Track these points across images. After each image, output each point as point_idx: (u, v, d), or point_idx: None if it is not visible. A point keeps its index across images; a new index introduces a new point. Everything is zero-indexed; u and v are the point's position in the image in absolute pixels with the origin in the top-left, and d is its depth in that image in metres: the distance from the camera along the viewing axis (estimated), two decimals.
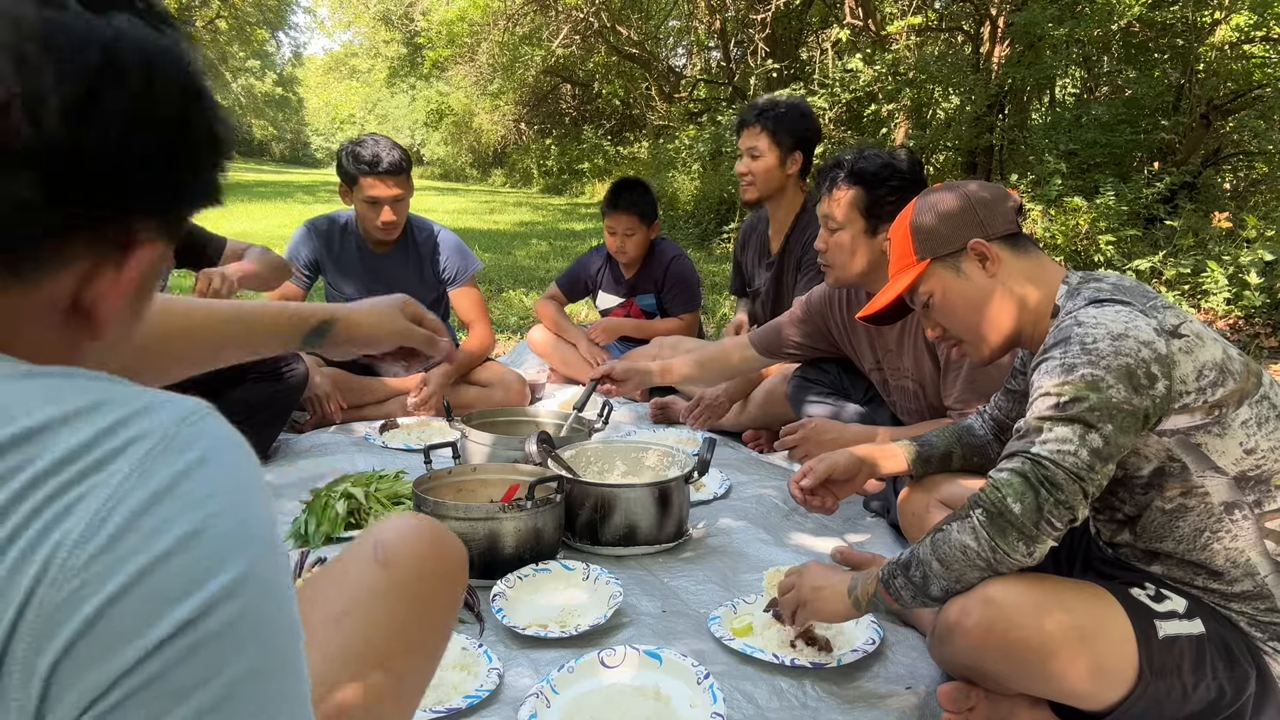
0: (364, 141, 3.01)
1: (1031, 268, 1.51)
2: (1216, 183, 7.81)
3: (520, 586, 1.85)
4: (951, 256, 1.53)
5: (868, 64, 9.25)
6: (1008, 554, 1.25)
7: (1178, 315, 1.34)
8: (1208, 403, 1.29)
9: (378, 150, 2.96)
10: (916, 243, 1.57)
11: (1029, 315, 1.50)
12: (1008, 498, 1.25)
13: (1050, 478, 1.24)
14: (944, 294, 1.55)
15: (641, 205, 3.61)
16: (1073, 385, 1.26)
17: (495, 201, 16.77)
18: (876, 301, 1.71)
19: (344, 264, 3.18)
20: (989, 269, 1.51)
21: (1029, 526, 1.24)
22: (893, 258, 1.64)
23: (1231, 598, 1.33)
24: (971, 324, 1.54)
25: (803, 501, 1.85)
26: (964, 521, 1.29)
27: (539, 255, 8.52)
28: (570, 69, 19.94)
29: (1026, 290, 1.50)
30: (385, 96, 33.63)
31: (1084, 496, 1.25)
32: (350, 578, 0.91)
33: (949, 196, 1.56)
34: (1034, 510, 1.24)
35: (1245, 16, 6.85)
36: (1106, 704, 1.27)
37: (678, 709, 1.46)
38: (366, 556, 0.92)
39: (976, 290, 1.52)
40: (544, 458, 2.15)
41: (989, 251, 1.50)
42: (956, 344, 1.61)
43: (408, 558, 0.93)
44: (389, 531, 0.95)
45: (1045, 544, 1.25)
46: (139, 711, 0.47)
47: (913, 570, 1.35)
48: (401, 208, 3.05)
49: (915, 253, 1.57)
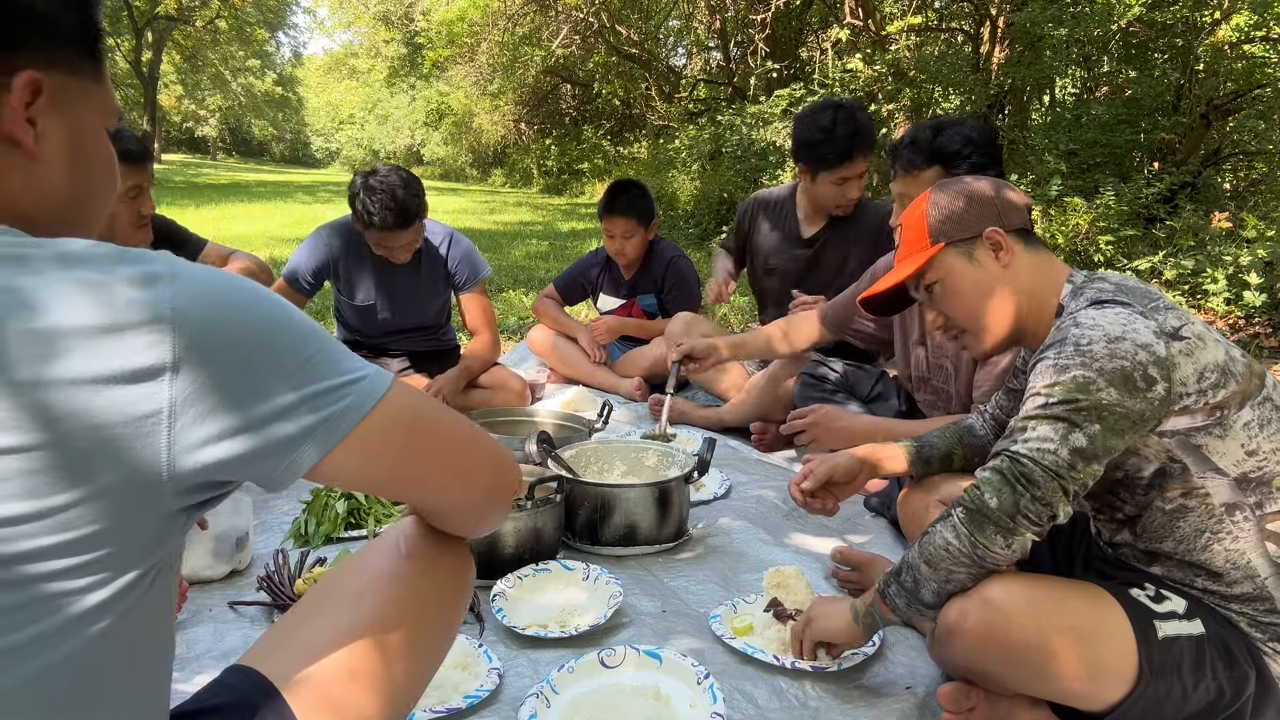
0: (374, 190, 2.82)
1: (1040, 264, 1.51)
2: (1216, 183, 7.80)
3: (520, 586, 1.85)
4: (966, 243, 1.52)
5: (867, 64, 9.26)
6: (987, 548, 1.27)
7: (1179, 317, 1.33)
8: (1209, 404, 1.29)
9: (386, 207, 2.81)
10: (932, 226, 1.55)
11: (1033, 312, 1.50)
12: (985, 494, 1.27)
13: (1027, 474, 1.25)
14: (954, 280, 1.53)
15: (639, 207, 3.60)
16: (1062, 386, 1.26)
17: (495, 201, 16.78)
18: (880, 285, 1.67)
19: (359, 268, 3.16)
20: (1002, 259, 1.50)
21: (1005, 520, 1.25)
22: (902, 243, 1.62)
23: (1231, 599, 1.33)
24: (977, 313, 1.53)
25: (803, 504, 1.85)
26: (946, 520, 1.32)
27: (539, 255, 8.51)
28: (570, 69, 19.94)
29: (1034, 286, 1.49)
30: (385, 96, 33.61)
31: (1064, 494, 1.25)
32: (371, 564, 0.96)
33: (969, 184, 1.55)
34: (1010, 505, 1.25)
35: (1245, 16, 6.84)
36: (1106, 704, 1.27)
37: (678, 709, 1.46)
38: (389, 546, 0.98)
39: (987, 279, 1.51)
40: (544, 458, 2.15)
41: (1004, 241, 1.49)
42: (958, 334, 1.59)
43: (426, 550, 0.98)
44: (413, 527, 1.00)
45: (1024, 538, 1.27)
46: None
47: (904, 576, 1.36)
48: (414, 243, 3.01)
49: (929, 235, 1.55)
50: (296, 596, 1.76)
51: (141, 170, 2.25)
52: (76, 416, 0.63)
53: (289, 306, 0.75)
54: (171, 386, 0.66)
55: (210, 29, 31.39)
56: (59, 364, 0.62)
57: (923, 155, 2.20)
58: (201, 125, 48.49)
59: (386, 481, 0.83)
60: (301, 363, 0.72)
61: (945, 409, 2.32)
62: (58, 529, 0.63)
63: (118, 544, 0.67)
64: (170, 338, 0.66)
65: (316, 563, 1.91)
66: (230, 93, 43.51)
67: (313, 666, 0.84)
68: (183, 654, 1.62)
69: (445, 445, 0.85)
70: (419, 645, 0.94)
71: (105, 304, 0.65)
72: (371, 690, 0.86)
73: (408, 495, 0.88)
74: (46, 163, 0.76)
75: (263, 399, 0.70)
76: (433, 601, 0.97)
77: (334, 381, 0.74)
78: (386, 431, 0.77)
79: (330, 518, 2.14)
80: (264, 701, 0.81)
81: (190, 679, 1.53)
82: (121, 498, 0.66)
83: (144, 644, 0.73)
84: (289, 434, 0.71)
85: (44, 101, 0.74)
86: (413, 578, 0.96)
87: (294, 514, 2.24)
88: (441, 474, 0.86)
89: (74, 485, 0.64)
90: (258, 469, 0.72)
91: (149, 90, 29.11)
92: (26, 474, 0.62)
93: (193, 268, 0.71)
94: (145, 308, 0.66)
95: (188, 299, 0.67)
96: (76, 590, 0.65)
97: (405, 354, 3.35)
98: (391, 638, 0.90)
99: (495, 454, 0.92)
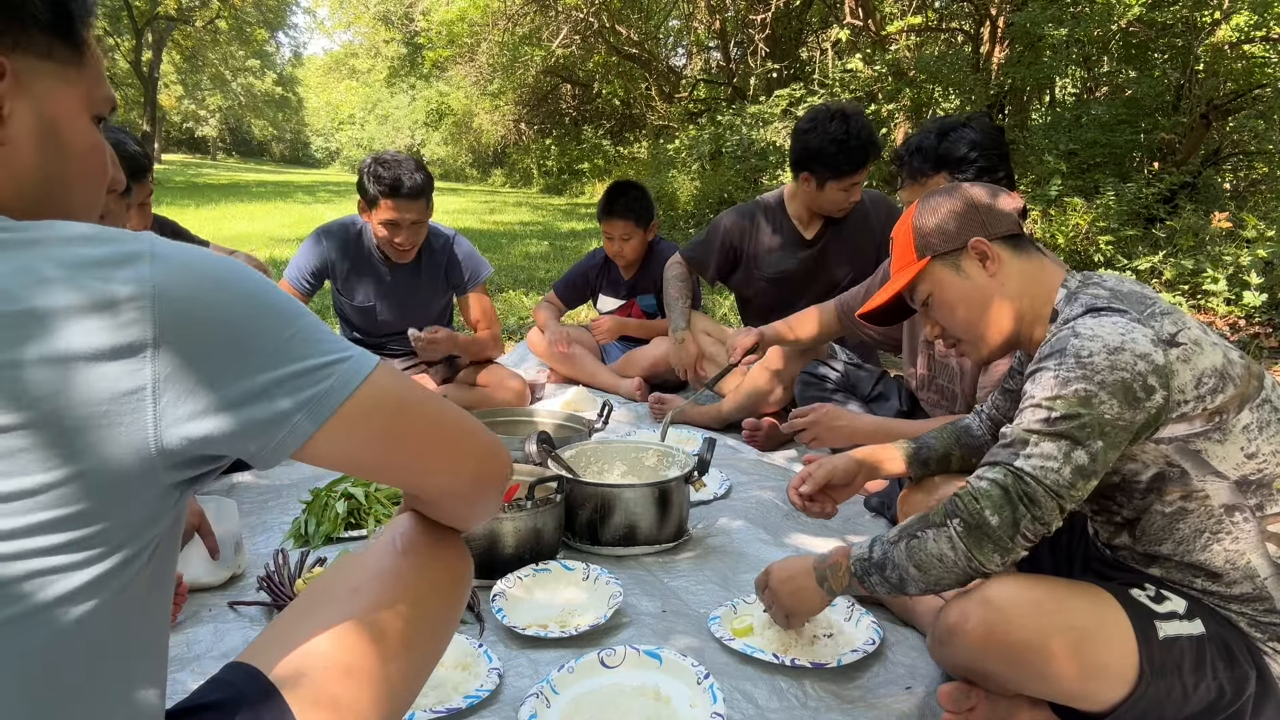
0: (387, 161, 2.92)
1: (1032, 269, 1.51)
2: (1216, 183, 7.80)
3: (520, 586, 1.85)
4: (952, 255, 1.53)
5: (867, 64, 9.26)
6: (983, 564, 1.28)
7: (1175, 322, 1.32)
8: (1207, 410, 1.28)
9: (399, 173, 2.88)
10: (918, 241, 1.56)
11: (1028, 317, 1.50)
12: (985, 510, 1.26)
13: (1030, 494, 1.25)
14: (943, 292, 1.55)
15: (637, 209, 3.61)
16: (1065, 400, 1.26)
17: (495, 201, 16.77)
18: (876, 299, 1.70)
19: (358, 269, 3.16)
20: (989, 268, 1.50)
21: (1005, 540, 1.26)
22: (894, 256, 1.64)
23: (1231, 599, 1.33)
24: (970, 323, 1.54)
25: (802, 508, 1.84)
26: (940, 530, 1.30)
27: (538, 255, 8.51)
28: (570, 69, 19.93)
29: (1026, 291, 1.49)
30: (385, 96, 33.62)
31: (1060, 512, 1.27)
32: (367, 561, 0.97)
33: (951, 197, 1.56)
34: (1010, 525, 1.25)
35: (1245, 16, 6.84)
36: (1106, 704, 1.27)
37: (678, 709, 1.46)
38: (385, 543, 0.98)
39: (976, 290, 1.51)
40: (544, 458, 2.15)
41: (990, 251, 1.50)
42: (955, 344, 1.61)
43: (424, 547, 0.98)
44: (409, 523, 1.01)
45: (1019, 554, 1.29)
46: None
47: (889, 572, 1.36)
48: (419, 229, 3.01)
49: (916, 250, 1.56)
50: (296, 597, 1.75)
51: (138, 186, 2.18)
52: (61, 394, 0.64)
53: (271, 286, 0.75)
54: (153, 363, 0.67)
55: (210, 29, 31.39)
56: (41, 344, 0.63)
57: (929, 162, 2.17)
58: (201, 125, 48.50)
59: (374, 465, 0.83)
60: (284, 342, 0.73)
61: (949, 409, 2.32)
62: (49, 505, 0.64)
63: (111, 519, 0.68)
64: (151, 315, 0.66)
65: (316, 563, 1.91)
66: (230, 93, 43.53)
67: (310, 663, 0.84)
68: (183, 654, 1.62)
69: (431, 429, 0.84)
70: (416, 641, 0.94)
71: (85, 284, 0.65)
72: (368, 686, 0.86)
73: (396, 480, 0.88)
74: (13, 145, 0.76)
75: (244, 377, 0.70)
76: (429, 597, 0.97)
77: (317, 361, 0.74)
78: (370, 413, 0.77)
79: (330, 518, 2.14)
80: (261, 698, 0.81)
81: (190, 679, 1.53)
82: (111, 474, 0.67)
83: (139, 625, 0.73)
84: (272, 413, 0.71)
85: (7, 84, 0.74)
86: (409, 574, 0.95)
87: (294, 514, 2.24)
88: (428, 458, 0.86)
89: (63, 463, 0.65)
90: (243, 446, 0.72)
91: (149, 90, 29.12)
92: (14, 452, 0.63)
93: (173, 246, 0.71)
94: (125, 285, 0.66)
95: (167, 277, 0.68)
96: (68, 566, 0.66)
97: (406, 354, 3.36)
98: (388, 633, 0.90)
99: (483, 440, 0.91)
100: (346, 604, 0.90)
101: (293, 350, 0.73)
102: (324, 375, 0.74)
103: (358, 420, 0.76)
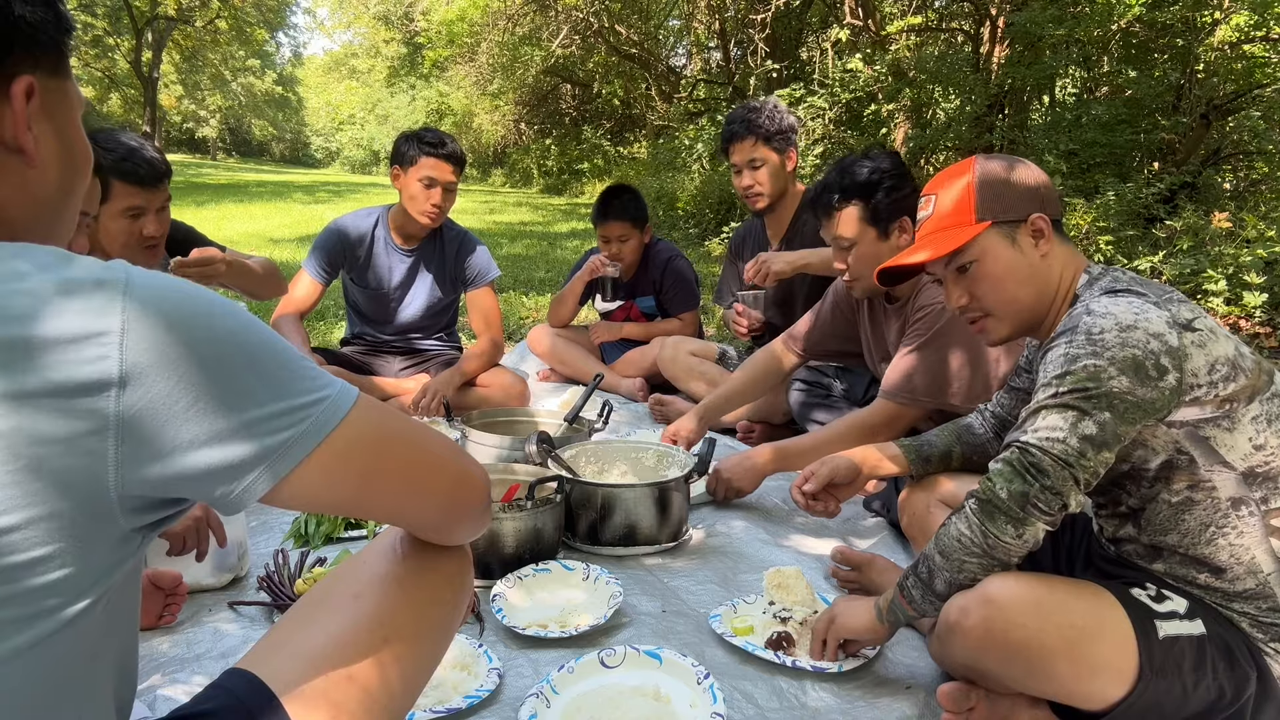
0: (427, 130, 3.14)
1: (1069, 255, 1.51)
2: (1216, 183, 7.78)
3: (520, 587, 1.85)
4: (1010, 225, 1.49)
5: (867, 64, 9.25)
6: (998, 538, 1.29)
7: (1192, 310, 1.34)
8: (1219, 396, 1.29)
9: (442, 136, 3.10)
10: (980, 202, 1.50)
11: (1054, 301, 1.50)
12: (997, 485, 1.29)
13: (1036, 464, 1.26)
14: (992, 262, 1.50)
15: (632, 211, 3.64)
16: (1073, 375, 1.27)
17: (495, 201, 16.77)
18: (917, 256, 1.56)
19: (370, 258, 3.23)
20: (1041, 247, 1.49)
21: (1015, 510, 1.27)
22: (942, 215, 1.54)
23: (1233, 597, 1.33)
24: (1011, 299, 1.50)
25: (805, 507, 1.85)
26: (960, 512, 1.34)
27: (538, 255, 8.51)
28: (570, 69, 19.94)
29: (1061, 276, 1.50)
30: (385, 96, 33.62)
31: (1075, 483, 1.26)
32: (368, 566, 0.96)
33: (1019, 167, 1.52)
34: (1020, 496, 1.26)
35: (1245, 16, 6.84)
36: (1106, 704, 1.27)
37: (678, 709, 1.46)
38: (386, 549, 0.98)
39: (1026, 265, 1.49)
40: (544, 458, 2.15)
41: (1047, 230, 1.49)
42: (979, 318, 1.56)
43: (423, 552, 0.98)
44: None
45: (1035, 527, 1.28)
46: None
47: (920, 567, 1.39)
48: (450, 198, 3.13)
49: (976, 211, 1.50)
50: (296, 597, 1.75)
51: (154, 191, 2.19)
52: (17, 432, 0.60)
53: (251, 324, 0.72)
54: (118, 402, 0.63)
55: (210, 29, 31.37)
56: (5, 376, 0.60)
57: (836, 194, 2.28)
58: (201, 125, 48.48)
59: (344, 505, 0.81)
60: (257, 383, 0.70)
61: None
62: (8, 551, 0.61)
63: (75, 566, 0.64)
64: (118, 353, 0.63)
65: (316, 563, 1.91)
66: (230, 93, 43.54)
67: (309, 669, 0.84)
68: (182, 654, 1.62)
69: (403, 467, 0.83)
70: (417, 647, 0.94)
71: (53, 315, 0.62)
72: (369, 692, 0.86)
73: (366, 516, 0.86)
74: (41, 167, 0.76)
75: (214, 418, 0.67)
76: (430, 603, 0.97)
77: (289, 404, 0.71)
78: (347, 455, 0.76)
79: (330, 518, 2.14)
80: (260, 706, 0.81)
81: (190, 679, 1.53)
82: (72, 518, 0.63)
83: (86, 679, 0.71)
84: (238, 457, 0.68)
85: (35, 105, 0.74)
86: (409, 579, 0.95)
87: (294, 514, 2.24)
88: (396, 496, 0.84)
89: (21, 505, 0.61)
90: (207, 490, 0.70)
91: (149, 90, 29.12)
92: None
93: (149, 277, 0.68)
94: (96, 318, 0.63)
95: (140, 311, 0.65)
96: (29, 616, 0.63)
97: (408, 354, 3.36)
98: (389, 640, 0.90)
99: (456, 469, 0.90)
100: (348, 611, 0.90)
101: (266, 392, 0.70)
102: (298, 419, 0.72)
103: (334, 463, 0.74)
